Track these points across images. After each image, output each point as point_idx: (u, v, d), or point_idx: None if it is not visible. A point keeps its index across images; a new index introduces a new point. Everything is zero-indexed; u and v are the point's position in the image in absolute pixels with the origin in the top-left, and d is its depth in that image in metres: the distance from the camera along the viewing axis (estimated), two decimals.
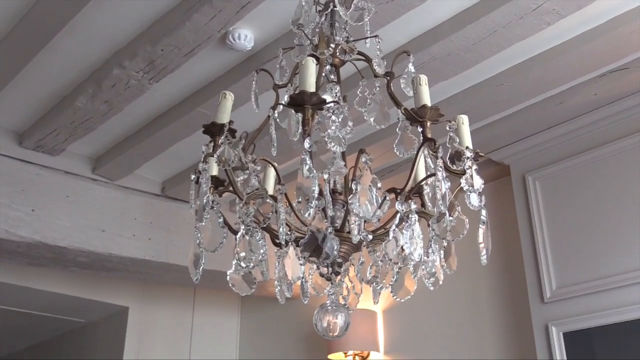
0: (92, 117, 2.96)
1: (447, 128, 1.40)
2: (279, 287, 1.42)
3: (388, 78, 1.56)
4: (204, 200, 1.37)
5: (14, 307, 4.53)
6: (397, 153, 1.46)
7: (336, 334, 1.43)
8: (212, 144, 1.51)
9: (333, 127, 1.30)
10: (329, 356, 3.81)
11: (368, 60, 1.63)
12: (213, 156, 1.46)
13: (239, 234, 1.39)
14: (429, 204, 1.49)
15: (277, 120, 1.43)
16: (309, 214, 1.27)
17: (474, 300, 3.37)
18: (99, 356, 4.59)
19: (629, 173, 2.74)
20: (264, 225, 1.41)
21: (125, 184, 3.59)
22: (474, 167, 1.34)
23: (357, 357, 3.72)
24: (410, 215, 1.32)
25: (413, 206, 1.33)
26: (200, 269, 1.47)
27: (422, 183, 1.48)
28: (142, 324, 4.42)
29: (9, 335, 5.44)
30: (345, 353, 3.73)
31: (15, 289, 4.09)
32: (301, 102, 1.36)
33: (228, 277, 1.44)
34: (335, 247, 1.30)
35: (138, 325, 4.40)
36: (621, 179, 2.76)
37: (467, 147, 1.39)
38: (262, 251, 1.40)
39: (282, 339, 4.46)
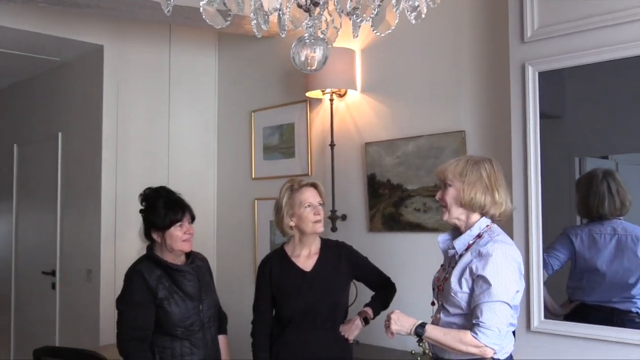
0: None
1: None
2: (255, 20, 1.38)
3: None
4: None
5: None
6: None
7: (314, 67, 1.42)
8: None
9: None
10: (307, 94, 3.88)
11: None
12: None
13: None
14: None
15: None
16: None
17: (453, 40, 3.34)
18: (79, 94, 4.64)
19: None
20: None
21: None
22: None
23: (334, 95, 3.79)
24: None
25: None
26: (172, 0, 1.40)
27: None
28: (118, 62, 4.40)
29: None
30: (322, 91, 3.79)
31: None
32: None
33: (201, 8, 1.38)
34: None
35: (115, 63, 4.38)
36: None
37: None
38: None
39: (261, 78, 4.50)
